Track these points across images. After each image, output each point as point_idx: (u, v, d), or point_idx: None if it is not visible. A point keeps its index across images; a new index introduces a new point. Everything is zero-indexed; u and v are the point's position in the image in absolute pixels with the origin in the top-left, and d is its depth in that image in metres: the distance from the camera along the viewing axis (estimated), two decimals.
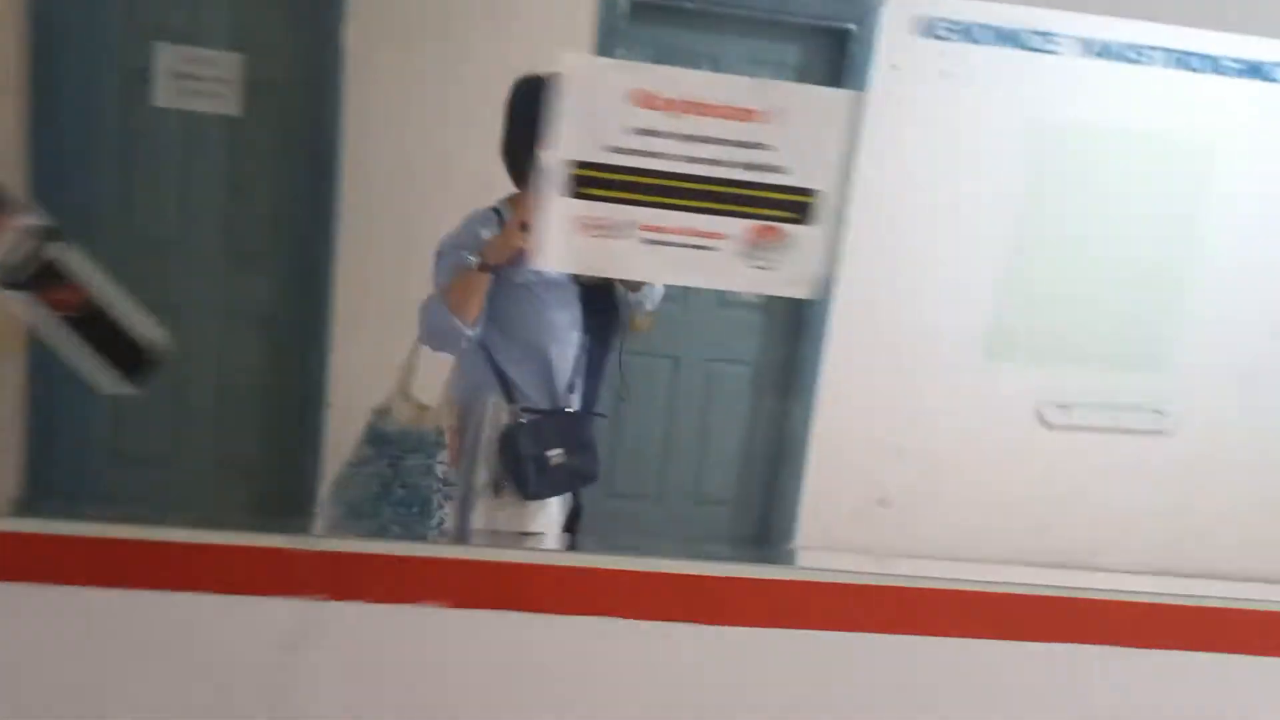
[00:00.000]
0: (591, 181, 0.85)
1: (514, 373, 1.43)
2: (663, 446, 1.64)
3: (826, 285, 1.08)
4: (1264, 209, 1.53)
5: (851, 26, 1.50)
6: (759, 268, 0.87)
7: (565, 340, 1.43)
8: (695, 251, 0.85)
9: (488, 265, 1.35)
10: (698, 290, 1.46)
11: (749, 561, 1.35)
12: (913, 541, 1.50)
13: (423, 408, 1.41)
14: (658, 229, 0.85)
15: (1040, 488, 1.47)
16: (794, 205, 0.85)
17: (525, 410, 1.41)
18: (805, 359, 1.57)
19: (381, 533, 1.40)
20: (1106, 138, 1.47)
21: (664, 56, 1.52)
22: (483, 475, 1.41)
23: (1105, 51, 1.44)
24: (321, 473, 1.52)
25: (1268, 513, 1.54)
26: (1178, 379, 1.52)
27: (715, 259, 0.85)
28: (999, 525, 1.47)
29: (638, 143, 0.83)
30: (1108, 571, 1.49)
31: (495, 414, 1.40)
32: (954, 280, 1.47)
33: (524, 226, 1.25)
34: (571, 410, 1.44)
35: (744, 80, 0.82)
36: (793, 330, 1.64)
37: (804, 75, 1.50)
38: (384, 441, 1.41)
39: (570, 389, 1.44)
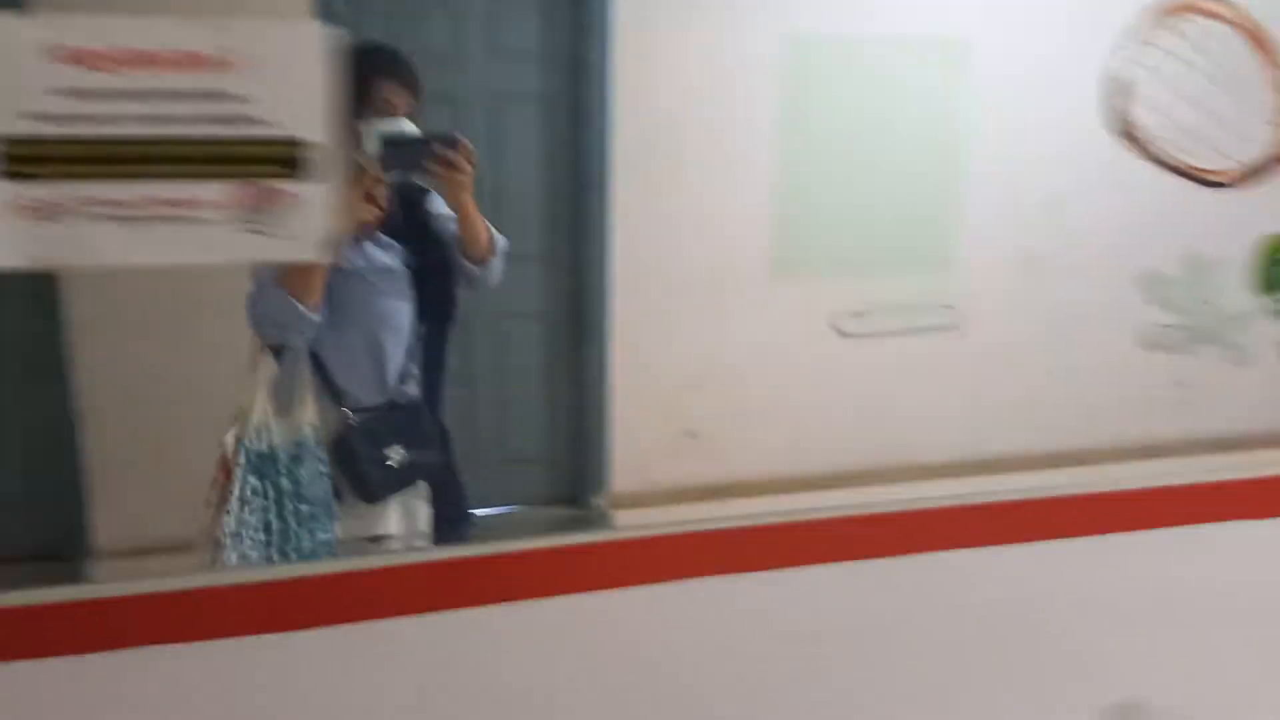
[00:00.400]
0: (24, 159, 0.70)
1: (340, 370, 1.32)
2: (463, 413, 1.53)
3: (336, 243, 0.98)
4: (1025, 97, 1.56)
5: None
6: (256, 233, 0.74)
7: (400, 329, 1.32)
8: (176, 225, 0.72)
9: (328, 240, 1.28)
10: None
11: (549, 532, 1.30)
12: (726, 468, 1.46)
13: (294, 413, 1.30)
14: (120, 204, 0.71)
15: (844, 397, 1.47)
16: (282, 160, 0.73)
17: (356, 411, 1.32)
18: (592, 304, 1.50)
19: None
20: (864, 45, 1.46)
21: (397, 10, 1.40)
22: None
23: None
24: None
25: (1058, 392, 1.62)
26: (963, 273, 1.54)
27: (203, 231, 0.72)
28: (808, 441, 1.45)
29: (73, 107, 0.69)
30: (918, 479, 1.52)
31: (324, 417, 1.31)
32: (729, 204, 1.45)
33: (369, 198, 1.23)
34: (405, 403, 1.34)
35: (196, 23, 0.68)
36: (576, 276, 1.57)
37: (550, 13, 1.40)
38: (269, 463, 1.31)
39: (403, 380, 1.34)
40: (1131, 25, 1.44)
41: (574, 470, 1.58)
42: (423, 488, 1.39)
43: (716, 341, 1.44)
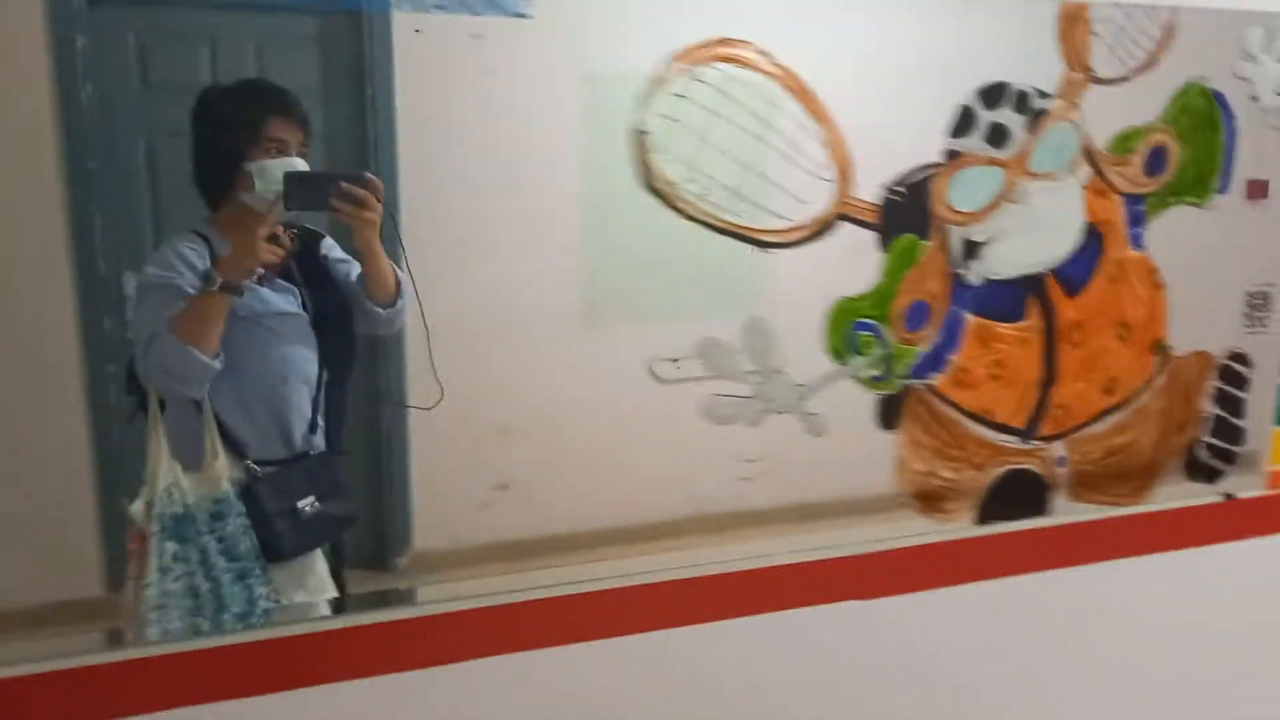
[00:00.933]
0: None
1: (240, 422, 1.15)
2: None
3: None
4: None
5: None
6: None
7: (306, 377, 1.20)
8: None
9: (230, 285, 1.22)
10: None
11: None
12: (542, 522, 1.52)
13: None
14: None
15: (663, 444, 1.58)
16: None
17: (260, 463, 1.26)
18: (389, 360, 1.44)
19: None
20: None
21: (153, 41, 1.24)
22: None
23: None
24: None
25: None
26: (772, 313, 1.60)
27: None
28: (628, 491, 1.56)
29: None
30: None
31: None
32: (535, 251, 1.41)
33: (271, 239, 1.22)
34: (316, 453, 1.18)
35: None
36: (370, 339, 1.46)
37: (327, 46, 1.31)
38: (187, 524, 1.24)
39: (312, 429, 1.18)
40: (656, 75, 1.43)
41: (376, 529, 1.47)
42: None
43: (530, 391, 1.48)
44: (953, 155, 1.66)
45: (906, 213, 1.65)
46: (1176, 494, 1.96)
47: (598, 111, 1.43)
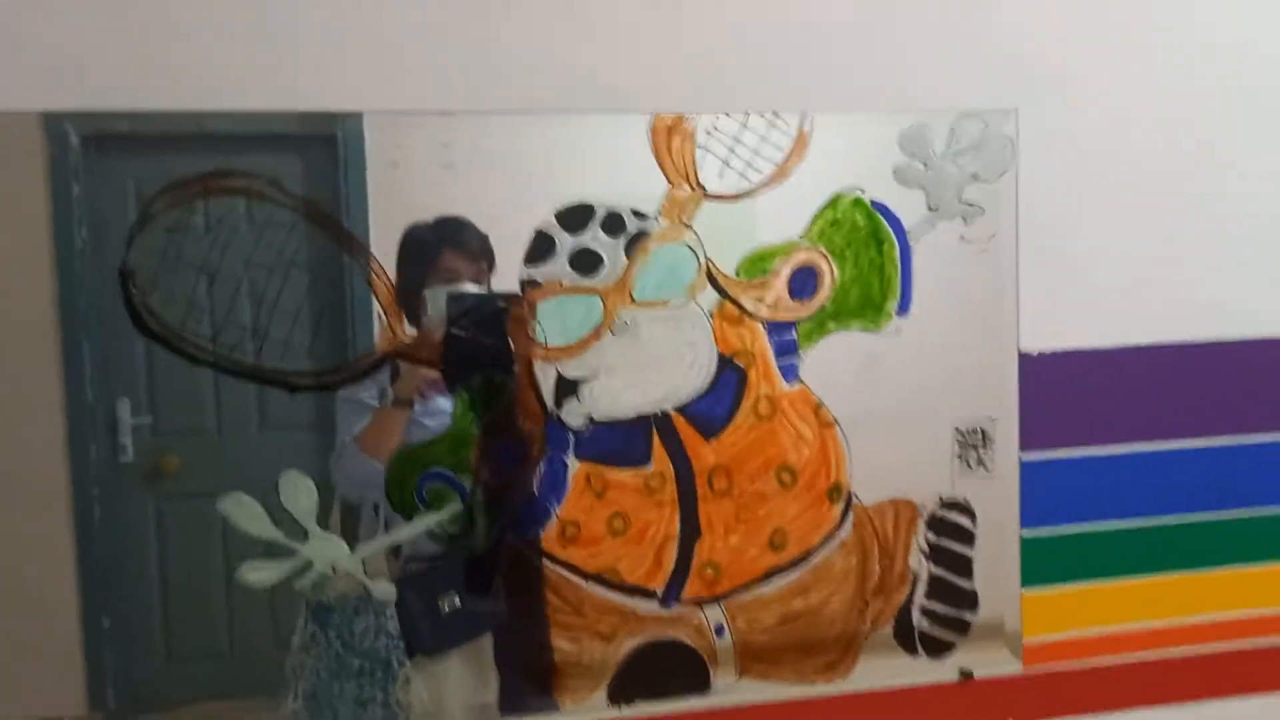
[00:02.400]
0: None
1: None
2: (226, 596, 1.44)
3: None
4: None
5: (336, 132, 1.42)
6: None
7: None
8: None
9: (401, 399, 1.40)
10: (234, 419, 1.43)
11: None
12: None
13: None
14: None
15: None
16: None
17: (410, 561, 1.42)
18: None
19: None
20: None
21: (144, 186, 1.37)
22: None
23: None
24: None
25: None
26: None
27: None
28: None
29: None
30: None
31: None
32: None
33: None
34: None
35: None
36: None
37: (310, 183, 1.40)
38: (326, 613, 1.39)
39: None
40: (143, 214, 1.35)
41: None
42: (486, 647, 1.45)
43: None
44: (532, 284, 1.49)
45: (476, 349, 1.48)
46: (889, 670, 1.64)
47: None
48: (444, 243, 1.42)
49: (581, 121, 1.48)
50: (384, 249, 1.43)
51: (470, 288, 1.43)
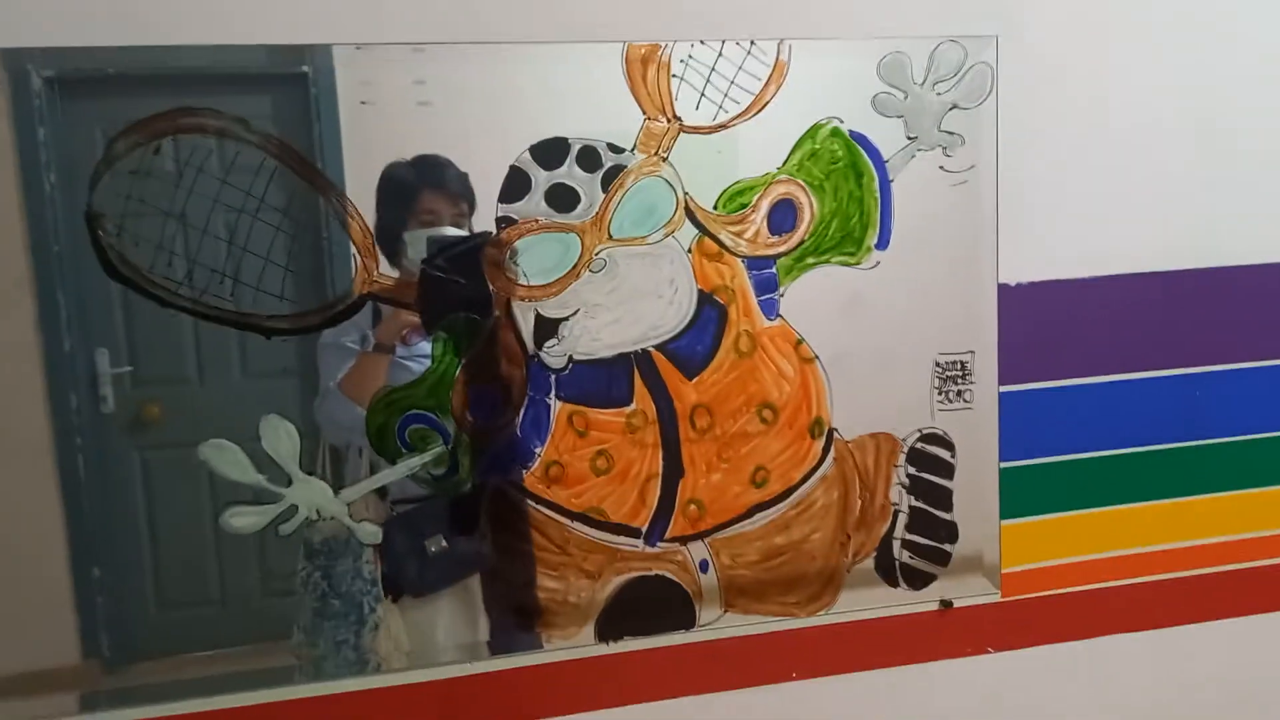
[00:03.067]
0: None
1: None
2: (215, 543, 1.44)
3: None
4: None
5: (306, 69, 1.38)
6: None
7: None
8: None
9: (383, 345, 1.38)
10: (215, 366, 1.42)
11: None
12: None
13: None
14: None
15: None
16: None
17: (398, 502, 1.41)
18: None
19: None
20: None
21: (111, 130, 1.33)
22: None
23: None
24: None
25: None
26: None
27: None
28: None
29: None
30: None
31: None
32: None
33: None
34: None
35: None
36: None
37: (281, 123, 1.36)
38: (314, 554, 1.40)
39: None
40: (106, 155, 1.31)
41: None
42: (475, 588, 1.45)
43: None
44: (508, 222, 1.47)
45: (452, 289, 1.46)
46: (870, 602, 1.67)
47: None
48: (423, 183, 1.39)
49: (554, 52, 1.45)
50: (358, 189, 1.40)
51: (451, 231, 1.41)
